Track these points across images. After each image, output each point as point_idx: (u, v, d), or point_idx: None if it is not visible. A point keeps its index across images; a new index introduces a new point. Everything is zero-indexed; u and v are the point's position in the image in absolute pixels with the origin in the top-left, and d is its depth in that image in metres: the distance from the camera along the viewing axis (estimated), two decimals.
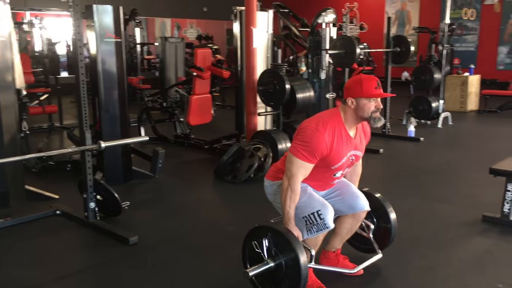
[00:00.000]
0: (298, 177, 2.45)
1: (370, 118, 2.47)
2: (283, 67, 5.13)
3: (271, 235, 2.44)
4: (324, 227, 2.48)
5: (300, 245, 2.37)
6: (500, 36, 12.49)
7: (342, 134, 2.48)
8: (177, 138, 6.60)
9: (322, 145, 2.42)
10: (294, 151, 2.46)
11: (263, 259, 2.46)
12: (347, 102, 2.48)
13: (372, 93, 2.43)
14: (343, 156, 2.51)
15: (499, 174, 3.64)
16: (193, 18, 17.06)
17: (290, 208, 2.46)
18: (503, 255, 3.11)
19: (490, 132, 7.34)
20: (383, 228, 2.87)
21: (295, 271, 2.35)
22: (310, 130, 2.45)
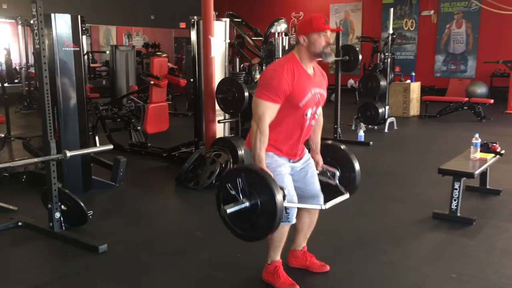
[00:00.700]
0: (265, 118, 2.52)
1: (322, 53, 2.57)
2: (241, 75, 5.28)
3: (245, 175, 2.47)
4: (286, 220, 2.63)
5: (274, 182, 2.41)
6: (436, 45, 13.28)
7: (301, 71, 2.58)
8: (132, 146, 6.57)
9: (283, 82, 2.50)
10: (258, 94, 2.54)
11: (238, 200, 2.47)
12: (300, 40, 2.59)
13: (322, 27, 2.56)
14: (307, 92, 2.58)
15: (447, 174, 3.95)
16: (139, 26, 16.91)
17: (261, 150, 2.53)
18: (454, 248, 3.38)
19: (432, 136, 7.81)
20: (347, 178, 2.94)
21: (271, 207, 2.38)
22: (270, 72, 2.57)
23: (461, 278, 2.90)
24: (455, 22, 12.91)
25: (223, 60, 5.65)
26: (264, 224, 2.45)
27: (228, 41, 5.70)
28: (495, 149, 4.37)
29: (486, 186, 4.57)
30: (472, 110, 9.14)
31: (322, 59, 2.62)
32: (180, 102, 11.18)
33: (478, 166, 4.02)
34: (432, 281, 2.88)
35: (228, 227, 2.58)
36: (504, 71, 11.33)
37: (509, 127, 8.24)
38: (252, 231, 2.52)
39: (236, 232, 2.56)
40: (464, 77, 12.82)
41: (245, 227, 2.53)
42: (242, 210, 2.46)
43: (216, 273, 3.03)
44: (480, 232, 3.62)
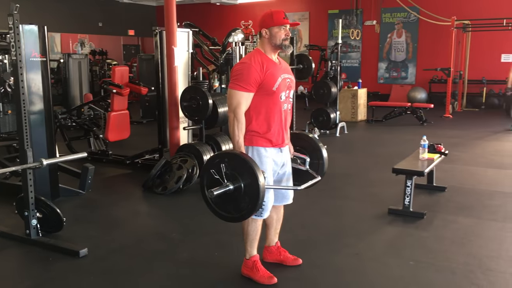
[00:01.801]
0: (241, 107, 2.76)
1: (282, 45, 2.84)
2: (204, 83, 5.48)
3: (228, 160, 2.66)
4: (260, 215, 2.89)
5: (256, 165, 2.62)
6: (379, 53, 14.02)
7: (268, 60, 2.84)
8: (92, 155, 6.59)
9: (253, 71, 2.75)
10: (232, 86, 2.78)
11: (222, 183, 2.65)
12: (262, 33, 2.85)
13: (282, 21, 2.83)
14: (277, 77, 2.83)
15: (400, 173, 4.34)
16: (86, 33, 16.66)
17: (239, 137, 2.77)
18: (409, 239, 3.75)
19: (379, 139, 8.33)
20: (316, 164, 3.20)
21: (254, 188, 2.56)
22: (239, 65, 2.83)
23: (418, 265, 3.26)
24: (396, 31, 13.69)
25: (186, 69, 5.84)
26: (247, 205, 2.63)
27: (191, 50, 5.88)
28: (440, 149, 4.82)
29: (433, 184, 5.03)
30: (414, 114, 9.78)
31: (282, 50, 2.88)
32: (134, 110, 11.16)
33: (426, 165, 4.44)
34: (393, 269, 3.22)
35: (212, 210, 2.76)
36: (441, 77, 12.16)
37: (448, 130, 8.90)
38: (236, 213, 2.69)
39: (221, 214, 2.74)
40: (405, 83, 13.62)
41: (230, 209, 2.71)
42: (226, 193, 2.63)
43: (196, 271, 3.22)
44: (431, 224, 4.03)
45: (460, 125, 9.50)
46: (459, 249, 3.52)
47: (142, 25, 15.64)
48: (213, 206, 2.75)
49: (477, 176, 5.60)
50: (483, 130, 8.79)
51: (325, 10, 14.50)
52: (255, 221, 2.96)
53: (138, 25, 16.09)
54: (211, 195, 2.63)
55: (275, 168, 2.97)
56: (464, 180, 5.41)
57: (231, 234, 3.68)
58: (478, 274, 3.11)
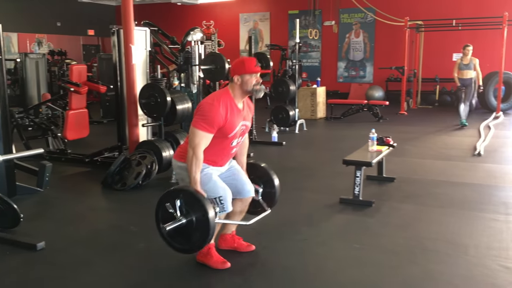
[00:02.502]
0: (201, 146, 2.94)
1: (253, 91, 3.04)
2: (162, 81, 5.58)
3: (182, 196, 2.87)
4: (223, 210, 3.04)
5: (208, 202, 2.85)
6: (338, 53, 14.39)
7: (233, 107, 3.03)
8: (51, 154, 6.57)
9: (218, 116, 2.93)
10: (196, 124, 2.95)
11: (175, 218, 2.87)
12: (234, 80, 3.03)
13: (253, 70, 3.02)
14: (236, 126, 3.04)
15: (350, 164, 4.57)
16: (43, 33, 16.37)
17: (196, 173, 2.94)
18: (357, 225, 3.98)
19: (337, 135, 8.61)
20: (268, 192, 3.40)
21: (205, 223, 2.81)
22: (208, 105, 2.98)
23: (362, 248, 3.48)
24: (353, 32, 14.09)
25: (144, 67, 5.91)
26: (198, 239, 2.88)
27: (149, 49, 5.96)
28: (389, 142, 5.08)
29: (383, 175, 5.29)
30: (371, 111, 10.14)
31: (253, 95, 3.10)
32: (94, 110, 11.10)
33: (375, 156, 4.69)
34: (339, 251, 3.43)
35: (166, 242, 2.98)
36: (397, 76, 12.60)
37: (402, 126, 9.28)
38: (187, 245, 2.94)
39: (174, 246, 2.98)
40: (363, 82, 14.03)
41: (182, 242, 2.94)
42: (179, 226, 2.87)
43: (154, 260, 3.33)
44: (378, 211, 4.27)
45: (413, 122, 9.91)
46: (402, 233, 3.76)
47: (102, 25, 15.49)
48: (166, 237, 2.95)
49: (425, 168, 5.91)
50: (435, 126, 9.20)
51: (285, 11, 14.76)
52: None
53: (98, 25, 15.94)
54: (164, 231, 2.85)
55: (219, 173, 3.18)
56: (413, 171, 5.70)
57: None
58: (418, 254, 3.36)
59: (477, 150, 6.67)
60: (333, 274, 3.10)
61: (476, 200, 4.56)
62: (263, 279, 3.05)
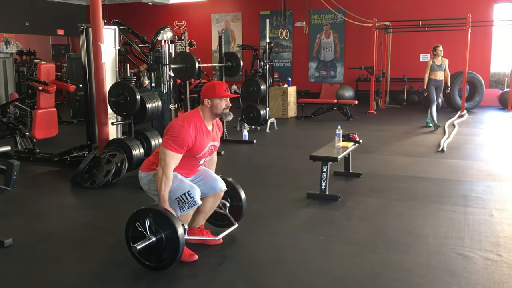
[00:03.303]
0: (170, 166, 3.03)
1: (222, 114, 3.19)
2: (132, 79, 5.59)
3: (152, 215, 2.98)
4: (194, 204, 3.11)
5: (177, 221, 2.96)
6: (309, 53, 14.58)
7: (203, 128, 3.15)
8: (20, 153, 6.50)
9: (188, 138, 3.05)
10: (166, 145, 3.04)
11: (145, 236, 2.97)
12: (204, 102, 3.16)
13: (223, 94, 3.16)
14: (205, 147, 3.18)
15: (316, 160, 4.69)
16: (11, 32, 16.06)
17: (165, 192, 3.03)
18: (322, 218, 4.09)
19: (307, 133, 8.74)
20: (235, 206, 3.58)
21: (175, 241, 2.92)
22: (178, 127, 3.06)
23: (327, 239, 3.59)
24: (324, 32, 14.31)
25: (113, 66, 5.91)
26: (168, 256, 2.96)
27: (118, 47, 5.96)
28: (355, 138, 5.23)
29: (350, 171, 5.43)
30: (340, 110, 10.33)
31: (222, 118, 3.23)
32: (64, 110, 10.98)
33: (341, 152, 4.81)
34: (304, 243, 3.53)
35: (137, 260, 3.05)
36: (367, 76, 12.86)
37: (371, 124, 9.49)
38: (157, 262, 3.01)
39: (144, 263, 3.05)
40: (334, 82, 14.26)
41: (152, 260, 3.02)
42: (149, 245, 2.95)
43: (123, 253, 3.35)
44: (343, 205, 4.39)
45: (382, 120, 10.14)
46: (366, 225, 3.89)
47: (72, 24, 15.28)
48: (137, 256, 3.02)
49: (391, 164, 6.09)
50: (402, 125, 9.44)
51: (257, 11, 14.88)
52: None
53: (68, 24, 15.73)
54: (135, 250, 2.92)
55: None
56: (379, 167, 5.87)
57: None
58: (379, 244, 3.49)
59: (441, 147, 6.89)
60: (299, 264, 3.20)
61: (438, 194, 4.74)
62: (230, 270, 3.13)
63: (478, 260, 3.19)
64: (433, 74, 8.65)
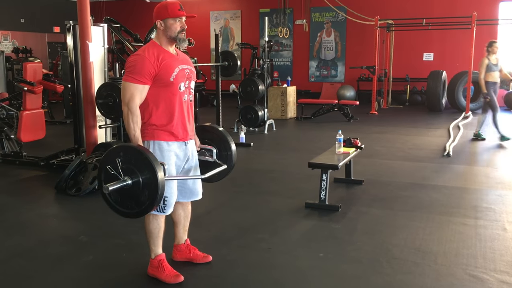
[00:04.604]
0: (135, 100, 2.65)
1: (177, 38, 2.76)
2: (121, 80, 5.28)
3: (123, 154, 2.54)
4: (162, 211, 2.81)
5: (153, 156, 2.53)
6: (310, 52, 14.27)
7: (164, 52, 2.74)
8: (5, 157, 6.22)
9: (147, 63, 2.65)
10: (125, 78, 2.68)
11: (119, 179, 2.52)
12: (157, 25, 2.77)
13: (177, 13, 2.76)
14: (174, 67, 2.73)
15: (315, 167, 4.39)
16: (6, 30, 15.77)
17: (135, 131, 2.67)
18: (322, 232, 3.79)
19: (307, 135, 8.44)
20: (224, 156, 3.13)
21: (153, 180, 2.46)
22: (133, 57, 2.72)
23: (326, 256, 3.29)
24: (325, 31, 13.99)
25: (102, 65, 5.62)
26: (147, 198, 2.52)
27: (106, 46, 5.66)
28: (356, 143, 4.93)
29: (351, 178, 5.13)
30: (341, 111, 10.02)
31: (177, 43, 2.80)
32: (57, 110, 10.71)
33: (342, 159, 4.52)
34: (302, 261, 3.23)
35: (112, 207, 2.62)
36: (369, 76, 12.55)
37: (372, 126, 9.19)
38: (137, 207, 2.57)
39: (120, 211, 2.62)
40: (335, 81, 13.94)
41: (129, 205, 2.59)
42: (124, 188, 2.52)
43: (102, 273, 3.08)
44: (344, 217, 4.09)
45: (384, 121, 9.84)
46: (368, 240, 3.59)
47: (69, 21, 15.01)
48: (112, 202, 2.61)
49: (394, 169, 5.79)
50: (405, 126, 9.14)
51: (256, 9, 14.56)
52: (156, 218, 2.87)
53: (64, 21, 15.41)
54: (106, 190, 2.49)
55: (179, 163, 2.89)
56: (381, 173, 5.57)
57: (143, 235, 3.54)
58: (384, 263, 3.19)
59: (446, 151, 6.59)
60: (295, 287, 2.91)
61: (445, 204, 4.44)
62: None
63: (493, 283, 2.89)
64: (490, 76, 7.30)
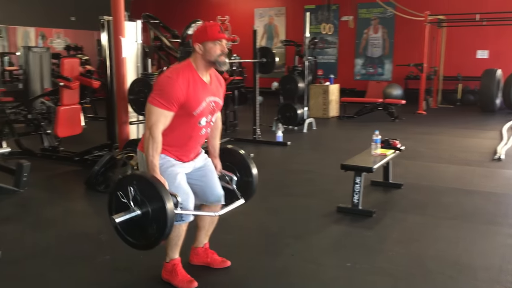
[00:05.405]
0: (158, 126, 2.51)
1: (216, 62, 2.60)
2: (153, 76, 5.21)
3: (137, 183, 2.46)
4: (181, 219, 2.63)
5: (165, 190, 2.41)
6: (356, 49, 13.84)
7: (196, 80, 2.59)
8: (44, 151, 6.30)
9: (177, 90, 2.50)
10: (152, 101, 2.52)
11: (129, 208, 2.45)
12: (196, 48, 2.61)
13: (216, 36, 2.58)
14: (202, 101, 2.60)
15: (348, 169, 4.12)
16: (59, 28, 16.27)
17: (154, 157, 2.51)
18: (352, 239, 3.53)
19: (347, 135, 8.12)
20: (245, 182, 2.98)
21: (162, 215, 2.38)
22: (164, 79, 2.56)
23: (354, 266, 3.03)
24: (372, 27, 13.53)
25: (135, 61, 5.55)
26: (155, 232, 2.44)
27: (140, 41, 5.60)
28: (395, 145, 4.61)
29: (389, 181, 4.82)
30: (386, 110, 9.60)
31: (216, 67, 2.65)
32: (102, 106, 10.87)
33: (378, 161, 4.23)
34: (327, 270, 3.00)
35: (120, 236, 2.54)
36: (417, 74, 12.00)
37: (418, 126, 8.74)
38: (144, 240, 2.50)
39: (128, 240, 2.54)
40: (381, 80, 13.45)
41: (137, 236, 2.51)
42: (133, 218, 2.44)
43: (116, 274, 2.98)
44: (378, 223, 3.81)
45: (431, 122, 9.34)
46: (403, 250, 3.31)
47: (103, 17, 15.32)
48: (119, 230, 2.52)
49: (437, 173, 5.41)
50: (455, 127, 8.63)
51: (301, 5, 14.27)
52: (177, 227, 2.69)
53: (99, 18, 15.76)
54: (113, 222, 2.43)
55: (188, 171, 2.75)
56: (423, 177, 5.21)
57: None
58: (417, 277, 2.90)
59: (498, 154, 6.11)
60: None
61: (492, 212, 4.06)
62: None
63: None
64: None
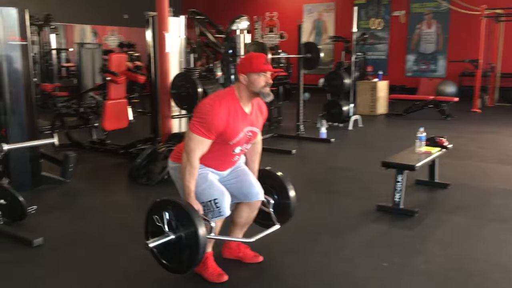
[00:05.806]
0: (196, 152, 2.56)
1: (260, 93, 2.63)
2: (195, 71, 5.26)
3: (172, 208, 2.54)
4: (219, 215, 2.63)
5: (198, 217, 2.48)
6: (407, 45, 13.42)
7: (237, 110, 2.63)
8: (92, 144, 6.51)
9: (218, 120, 2.55)
10: (192, 128, 2.58)
11: (163, 232, 2.54)
12: (240, 79, 2.63)
13: (261, 68, 2.60)
14: (239, 132, 2.64)
15: (390, 167, 3.98)
16: (113, 25, 16.79)
17: (190, 182, 2.57)
18: (391, 238, 3.41)
19: (395, 133, 7.89)
20: (283, 204, 2.96)
21: (194, 241, 2.46)
22: (207, 107, 2.59)
23: (391, 267, 2.92)
24: (425, 22, 13.06)
25: (179, 56, 5.62)
26: (188, 257, 2.52)
27: (183, 36, 5.66)
28: (442, 143, 4.42)
29: (435, 180, 4.62)
30: (437, 108, 9.24)
31: (261, 98, 2.68)
32: None
33: (422, 159, 4.06)
34: (361, 270, 2.90)
35: (155, 258, 2.64)
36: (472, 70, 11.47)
37: (472, 125, 8.35)
38: (176, 263, 2.59)
39: (163, 263, 2.64)
40: (434, 76, 12.97)
41: (170, 259, 2.60)
42: (167, 242, 2.53)
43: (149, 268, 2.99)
44: (420, 223, 3.66)
45: (486, 120, 8.91)
46: (443, 251, 3.15)
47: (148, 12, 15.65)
48: (156, 254, 2.63)
49: (488, 173, 5.14)
50: (510, 126, 8.18)
51: (351, 0, 13.98)
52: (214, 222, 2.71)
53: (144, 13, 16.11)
54: (147, 248, 2.54)
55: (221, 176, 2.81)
56: (472, 177, 4.96)
57: None
58: (457, 280, 2.76)
59: None
60: None
61: None
62: None
63: None
64: None
